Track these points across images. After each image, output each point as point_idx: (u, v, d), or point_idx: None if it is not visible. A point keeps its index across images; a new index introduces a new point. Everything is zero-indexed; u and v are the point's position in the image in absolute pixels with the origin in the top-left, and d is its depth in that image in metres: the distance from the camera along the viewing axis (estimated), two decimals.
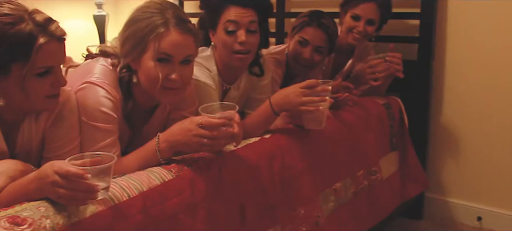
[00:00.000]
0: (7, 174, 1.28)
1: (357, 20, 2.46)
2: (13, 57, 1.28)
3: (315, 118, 1.84)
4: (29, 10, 1.33)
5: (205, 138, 1.44)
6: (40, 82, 1.34)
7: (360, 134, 2.31)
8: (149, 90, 1.59)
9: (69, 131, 1.50)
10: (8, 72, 1.30)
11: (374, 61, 2.44)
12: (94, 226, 1.23)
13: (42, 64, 1.32)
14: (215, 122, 1.45)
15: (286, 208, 1.83)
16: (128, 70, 1.60)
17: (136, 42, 1.53)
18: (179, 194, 1.43)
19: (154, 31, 1.51)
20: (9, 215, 1.14)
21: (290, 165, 1.85)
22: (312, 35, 2.28)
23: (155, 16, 1.53)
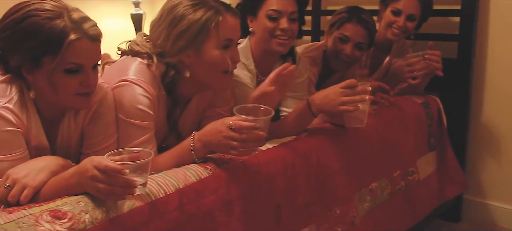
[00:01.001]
0: (49, 168, 1.31)
1: (398, 15, 2.42)
2: (45, 50, 1.31)
3: (357, 116, 1.82)
4: (69, 8, 1.36)
5: (234, 140, 1.43)
6: (69, 79, 1.36)
7: (397, 134, 2.27)
8: (207, 80, 1.63)
9: (107, 128, 1.52)
10: (40, 65, 1.33)
11: (412, 59, 2.39)
12: (132, 222, 1.25)
13: (71, 60, 1.34)
14: (244, 124, 1.43)
15: (321, 208, 1.81)
16: (172, 67, 1.61)
17: (193, 36, 1.55)
18: (215, 191, 1.44)
19: (213, 21, 1.56)
20: (50, 209, 1.17)
21: (325, 164, 1.83)
22: (352, 31, 2.26)
23: (205, 6, 1.57)
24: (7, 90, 1.35)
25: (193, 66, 1.60)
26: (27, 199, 1.24)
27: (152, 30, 1.64)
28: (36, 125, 1.40)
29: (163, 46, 1.59)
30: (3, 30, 1.33)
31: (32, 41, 1.30)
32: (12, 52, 1.33)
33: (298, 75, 2.10)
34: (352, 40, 2.26)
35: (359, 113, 1.81)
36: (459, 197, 2.76)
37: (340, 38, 2.28)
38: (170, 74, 1.61)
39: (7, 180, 1.26)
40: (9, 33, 1.32)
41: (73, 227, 1.15)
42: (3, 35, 1.33)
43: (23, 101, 1.38)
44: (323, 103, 1.79)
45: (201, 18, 1.55)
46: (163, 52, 1.59)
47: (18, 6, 1.34)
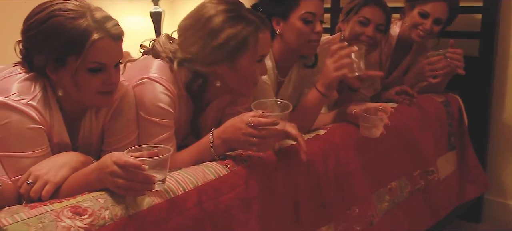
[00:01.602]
0: (69, 164, 1.33)
1: (425, 17, 2.39)
2: (68, 49, 1.33)
3: (371, 128, 1.82)
4: (92, 7, 1.37)
5: (253, 137, 1.44)
6: (92, 77, 1.37)
7: (417, 133, 2.25)
8: (236, 89, 1.66)
9: (127, 125, 1.53)
10: (64, 64, 1.35)
11: (433, 57, 2.36)
12: (151, 218, 1.26)
13: (94, 59, 1.35)
14: (263, 121, 1.43)
15: (340, 206, 1.81)
16: (201, 75, 1.61)
17: (231, 50, 1.55)
18: (233, 189, 1.44)
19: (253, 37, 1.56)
20: (71, 205, 1.18)
21: (344, 162, 1.82)
22: (372, 13, 2.23)
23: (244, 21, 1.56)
24: (31, 88, 1.37)
25: (225, 76, 1.61)
26: (48, 194, 1.26)
27: (182, 35, 1.62)
28: (58, 122, 1.42)
29: (196, 55, 1.57)
30: (28, 30, 1.34)
31: (56, 41, 1.32)
32: (37, 52, 1.35)
33: (317, 72, 2.09)
34: (373, 22, 2.23)
35: (376, 123, 1.81)
36: (480, 197, 2.72)
37: (360, 22, 2.24)
38: (198, 82, 1.62)
39: (29, 177, 1.28)
40: (33, 33, 1.33)
41: (93, 223, 1.16)
42: (28, 35, 1.35)
43: (47, 99, 1.39)
44: (322, 79, 1.84)
45: (240, 33, 1.55)
46: (193, 59, 1.58)
47: (42, 6, 1.35)
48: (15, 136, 1.33)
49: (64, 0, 1.36)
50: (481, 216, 2.80)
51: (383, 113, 1.84)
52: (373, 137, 1.84)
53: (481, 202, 2.78)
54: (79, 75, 1.35)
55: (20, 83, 1.36)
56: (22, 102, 1.33)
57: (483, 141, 2.70)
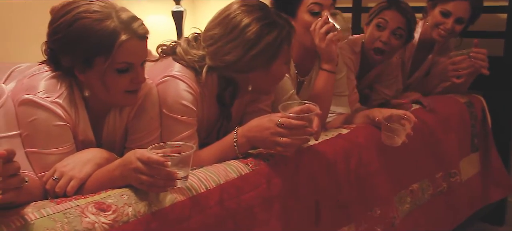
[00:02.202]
0: (94, 161, 1.34)
1: (447, 17, 2.36)
2: (96, 51, 1.34)
3: (394, 136, 1.81)
4: (117, 8, 1.38)
5: (282, 137, 1.44)
6: (120, 77, 1.39)
7: (440, 134, 2.23)
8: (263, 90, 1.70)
9: (150, 123, 1.54)
10: (92, 65, 1.36)
11: (457, 57, 2.33)
12: (173, 215, 1.26)
13: (122, 60, 1.36)
14: (295, 123, 1.44)
15: (361, 207, 1.80)
16: (230, 81, 1.63)
17: (268, 58, 1.57)
18: (255, 188, 1.44)
19: (287, 41, 1.59)
20: (95, 201, 1.20)
21: (366, 163, 1.81)
22: (390, 17, 2.21)
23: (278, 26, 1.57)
24: (57, 85, 1.38)
25: (257, 80, 1.62)
26: (73, 190, 1.28)
27: (213, 44, 1.59)
28: (84, 120, 1.44)
29: (232, 63, 1.57)
30: (55, 33, 1.35)
31: (84, 43, 1.33)
32: (64, 54, 1.36)
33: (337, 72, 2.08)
34: (390, 27, 2.21)
35: (400, 133, 1.80)
36: (503, 200, 2.68)
37: (378, 25, 2.23)
38: (229, 89, 1.63)
39: (55, 173, 1.30)
40: (60, 36, 1.34)
41: (116, 219, 1.17)
42: (55, 37, 1.36)
43: (72, 97, 1.41)
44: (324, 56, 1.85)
45: (277, 39, 1.56)
46: (226, 67, 1.58)
47: (66, 7, 1.36)
48: (42, 133, 1.35)
49: (88, 1, 1.36)
50: (504, 219, 2.76)
51: (406, 122, 1.82)
52: (394, 145, 1.83)
53: (504, 205, 2.74)
54: (107, 76, 1.37)
55: (47, 81, 1.38)
56: (49, 100, 1.35)
57: (507, 142, 2.66)
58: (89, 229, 1.12)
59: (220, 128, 1.72)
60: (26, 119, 1.34)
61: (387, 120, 1.83)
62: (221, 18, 1.60)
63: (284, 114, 1.46)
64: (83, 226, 1.12)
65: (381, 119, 1.85)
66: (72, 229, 1.11)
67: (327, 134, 1.83)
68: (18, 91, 1.37)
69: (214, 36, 1.59)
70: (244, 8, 1.58)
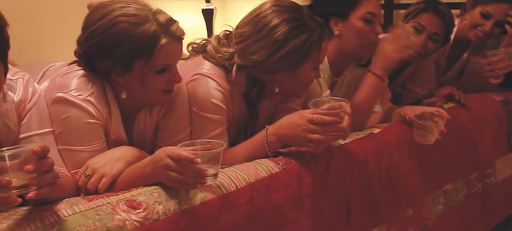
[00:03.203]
0: (125, 158, 1.35)
1: (487, 18, 2.30)
2: (137, 55, 1.35)
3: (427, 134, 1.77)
4: (153, 10, 1.39)
5: (314, 134, 1.43)
6: (158, 78, 1.40)
7: (475, 133, 2.18)
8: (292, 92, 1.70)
9: (180, 121, 1.55)
10: (131, 68, 1.37)
11: (494, 57, 2.26)
12: (203, 214, 1.26)
13: (162, 62, 1.38)
14: (327, 119, 1.43)
15: (393, 207, 1.77)
16: (258, 81, 1.62)
17: (295, 60, 1.55)
18: (285, 187, 1.43)
19: (317, 45, 1.57)
20: (126, 198, 1.21)
21: (398, 163, 1.78)
22: (427, 21, 2.17)
23: (308, 29, 1.55)
24: (89, 84, 1.40)
25: (283, 82, 1.61)
26: (105, 187, 1.30)
27: (242, 42, 1.59)
28: (116, 119, 1.45)
29: (258, 63, 1.56)
30: (92, 37, 1.36)
31: (123, 48, 1.34)
32: (102, 58, 1.37)
33: None
34: (427, 31, 2.17)
35: (432, 130, 1.77)
36: None
37: (415, 28, 2.19)
38: (256, 88, 1.63)
39: (87, 169, 1.32)
40: (98, 40, 1.35)
41: (147, 217, 1.18)
42: (92, 42, 1.36)
43: (104, 96, 1.43)
44: (380, 62, 1.82)
45: (305, 43, 1.54)
46: (253, 67, 1.58)
47: (102, 11, 1.36)
48: (74, 130, 1.36)
49: (123, 4, 1.36)
50: None
51: (439, 120, 1.78)
52: (427, 143, 1.78)
53: None
54: (147, 78, 1.38)
55: (79, 79, 1.40)
56: (81, 98, 1.37)
57: None
58: (120, 227, 1.13)
59: (249, 127, 1.71)
60: (58, 117, 1.36)
61: (419, 117, 1.79)
62: (252, 16, 1.59)
63: (315, 111, 1.45)
64: (114, 224, 1.13)
65: (412, 116, 1.81)
66: (104, 226, 1.12)
67: (358, 133, 1.80)
68: (51, 90, 1.39)
69: (243, 34, 1.58)
70: (275, 8, 1.56)
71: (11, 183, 0.95)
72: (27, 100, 1.31)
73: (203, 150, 1.25)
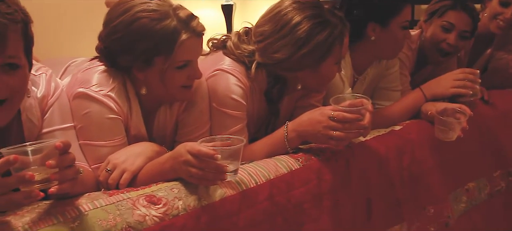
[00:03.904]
0: (145, 154, 1.36)
1: (506, 6, 2.25)
2: (157, 51, 1.36)
3: (447, 130, 1.74)
4: (174, 6, 1.39)
5: (335, 130, 1.42)
6: (178, 74, 1.41)
7: (499, 131, 2.14)
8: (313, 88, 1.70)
9: (200, 116, 1.55)
10: (152, 64, 1.38)
11: None
12: (223, 210, 1.26)
13: (182, 58, 1.39)
14: (348, 116, 1.42)
15: (414, 205, 1.75)
16: (279, 79, 1.62)
17: (318, 57, 1.55)
18: (305, 183, 1.42)
19: (339, 40, 1.57)
20: (146, 194, 1.21)
21: (420, 160, 1.76)
22: (457, 19, 2.12)
23: (330, 25, 1.55)
24: (109, 79, 1.41)
25: (306, 79, 1.61)
26: (126, 182, 1.30)
27: (262, 40, 1.57)
28: (137, 115, 1.46)
29: (280, 61, 1.55)
30: (113, 33, 1.37)
31: (144, 43, 1.35)
32: (123, 54, 1.38)
33: (390, 66, 2.04)
34: (457, 28, 2.12)
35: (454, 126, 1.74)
36: None
37: (443, 27, 2.14)
38: (277, 86, 1.62)
39: (108, 165, 1.33)
40: (119, 36, 1.36)
41: (167, 213, 1.18)
42: (113, 37, 1.38)
43: (125, 92, 1.43)
44: (435, 86, 1.88)
45: (328, 39, 1.53)
46: (275, 65, 1.57)
47: (123, 6, 1.37)
48: (95, 125, 1.37)
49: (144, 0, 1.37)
50: None
51: (461, 116, 1.75)
52: (449, 140, 1.75)
53: None
54: (167, 74, 1.39)
55: (100, 74, 1.41)
56: (102, 93, 1.38)
57: None
58: (140, 222, 1.14)
59: (269, 123, 1.71)
60: (80, 112, 1.37)
61: (441, 113, 1.76)
62: (272, 14, 1.58)
63: (336, 108, 1.44)
64: (134, 219, 1.13)
65: (433, 112, 1.79)
66: (124, 221, 1.12)
67: (379, 129, 1.78)
68: (73, 85, 1.40)
69: (264, 32, 1.58)
70: (296, 5, 1.55)
71: (34, 177, 0.96)
72: (49, 95, 1.33)
73: (223, 145, 1.25)
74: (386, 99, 1.99)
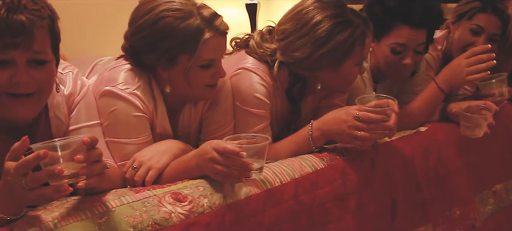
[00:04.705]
0: (171, 151, 1.37)
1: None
2: (181, 49, 1.38)
3: (473, 127, 1.71)
4: (198, 4, 1.41)
5: (360, 130, 1.41)
6: (202, 73, 1.42)
7: None
8: (334, 88, 1.66)
9: (224, 115, 1.55)
10: (176, 63, 1.40)
11: None
12: (248, 208, 1.26)
13: (206, 57, 1.40)
14: (373, 117, 1.41)
15: (440, 207, 1.73)
16: (300, 78, 1.61)
17: (337, 57, 1.53)
18: (330, 183, 1.42)
19: (360, 41, 1.54)
20: (172, 191, 1.22)
21: (446, 161, 1.74)
22: (487, 22, 2.05)
23: (351, 25, 1.52)
24: (135, 78, 1.42)
25: (326, 79, 1.60)
26: (151, 179, 1.31)
27: (284, 39, 1.58)
28: (162, 113, 1.47)
29: (300, 60, 1.55)
30: (138, 32, 1.40)
31: (168, 42, 1.37)
32: (148, 52, 1.40)
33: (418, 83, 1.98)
34: (486, 32, 2.06)
35: (480, 122, 1.70)
36: None
37: (472, 30, 2.09)
38: (298, 85, 1.62)
39: (134, 162, 1.34)
40: (144, 35, 1.39)
41: (192, 210, 1.19)
42: (138, 36, 1.40)
43: (150, 91, 1.45)
44: (449, 77, 1.80)
45: (348, 39, 1.52)
46: (295, 63, 1.57)
47: (148, 6, 1.39)
48: (121, 123, 1.39)
49: None
50: None
51: (487, 112, 1.72)
52: (475, 137, 1.72)
53: None
54: (191, 73, 1.40)
55: (126, 73, 1.43)
56: (128, 91, 1.39)
57: None
58: (166, 219, 1.15)
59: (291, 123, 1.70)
60: (106, 109, 1.39)
61: (466, 110, 1.73)
62: (294, 13, 1.58)
63: (362, 108, 1.43)
64: (160, 216, 1.14)
65: (458, 109, 1.76)
66: (150, 218, 1.13)
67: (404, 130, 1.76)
68: (99, 83, 1.42)
69: (285, 31, 1.57)
70: (318, 4, 1.55)
71: (63, 172, 0.98)
72: (76, 93, 1.35)
73: (249, 143, 1.25)
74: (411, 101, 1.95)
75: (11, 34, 1.07)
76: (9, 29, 1.06)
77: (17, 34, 1.08)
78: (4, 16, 1.06)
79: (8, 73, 1.11)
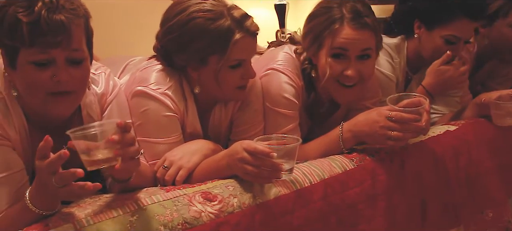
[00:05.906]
0: (201, 151, 1.38)
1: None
2: (212, 50, 1.39)
3: (506, 115, 1.67)
4: (228, 5, 1.42)
5: (393, 131, 1.40)
6: (232, 74, 1.43)
7: None
8: (325, 87, 1.60)
9: (254, 116, 1.56)
10: (206, 63, 1.41)
11: None
12: (277, 208, 1.27)
13: (236, 57, 1.41)
14: (406, 117, 1.40)
15: (471, 209, 1.69)
16: (309, 63, 1.62)
17: (314, 37, 1.56)
18: (360, 184, 1.41)
19: (328, 28, 1.52)
20: (202, 190, 1.24)
21: (477, 162, 1.70)
22: None
23: (334, 10, 1.53)
24: (167, 78, 1.44)
25: (317, 68, 1.60)
26: (182, 179, 1.33)
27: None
28: (193, 113, 1.49)
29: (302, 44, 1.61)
30: (169, 32, 1.42)
31: (199, 42, 1.39)
32: (179, 53, 1.43)
33: None
34: None
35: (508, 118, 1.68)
36: None
37: (510, 25, 2.07)
38: (307, 70, 1.63)
39: (164, 162, 1.36)
40: (175, 35, 1.41)
41: (222, 210, 1.20)
42: (169, 37, 1.42)
43: (181, 91, 1.47)
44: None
45: (323, 23, 1.54)
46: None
47: (179, 6, 1.42)
48: (152, 123, 1.41)
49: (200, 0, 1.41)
50: None
51: None
52: (507, 125, 1.70)
53: None
54: (221, 73, 1.42)
55: (157, 73, 1.45)
56: (159, 91, 1.42)
57: None
58: (196, 218, 1.16)
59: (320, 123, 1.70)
60: (138, 109, 1.41)
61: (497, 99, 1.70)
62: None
63: (394, 108, 1.42)
64: (190, 215, 1.16)
65: (487, 99, 1.73)
66: (180, 217, 1.15)
67: (434, 130, 1.73)
68: (131, 84, 1.45)
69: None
70: None
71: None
72: (108, 93, 1.38)
73: (279, 144, 1.26)
74: (443, 105, 1.94)
75: (52, 34, 1.11)
76: (50, 28, 1.10)
77: (57, 33, 1.12)
78: (45, 16, 1.10)
79: (49, 72, 1.15)
